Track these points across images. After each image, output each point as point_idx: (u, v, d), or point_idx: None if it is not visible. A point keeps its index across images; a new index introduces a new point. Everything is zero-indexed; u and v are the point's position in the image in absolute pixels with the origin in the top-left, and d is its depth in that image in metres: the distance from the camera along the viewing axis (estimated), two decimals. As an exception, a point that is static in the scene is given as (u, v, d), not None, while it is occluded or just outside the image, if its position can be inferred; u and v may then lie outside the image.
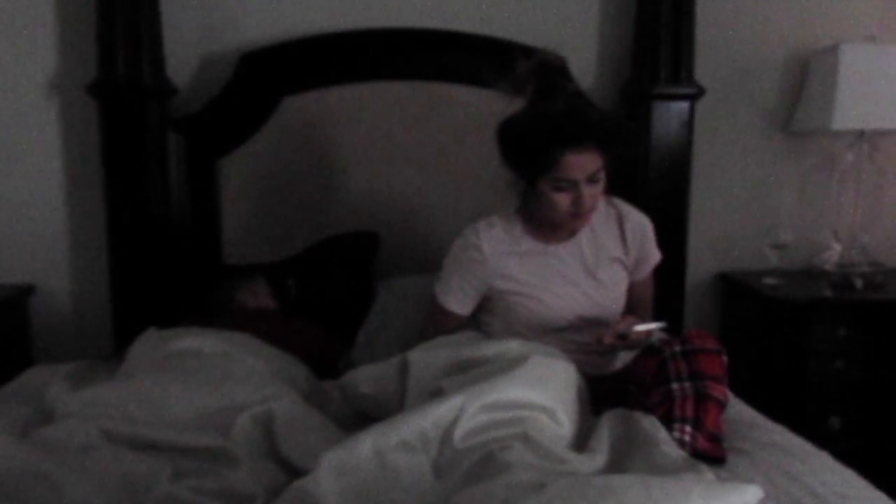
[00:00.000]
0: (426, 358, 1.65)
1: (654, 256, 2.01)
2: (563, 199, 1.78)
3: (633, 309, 1.99)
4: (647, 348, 1.79)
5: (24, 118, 2.66)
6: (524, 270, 1.90)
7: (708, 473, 1.40)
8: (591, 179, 1.78)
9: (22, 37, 2.63)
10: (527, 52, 1.88)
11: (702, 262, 2.91)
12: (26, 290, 2.68)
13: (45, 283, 2.74)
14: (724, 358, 1.67)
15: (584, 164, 1.74)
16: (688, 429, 1.55)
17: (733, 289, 2.86)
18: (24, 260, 2.72)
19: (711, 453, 1.55)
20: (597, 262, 1.92)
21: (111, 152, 2.55)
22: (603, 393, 1.80)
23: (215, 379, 1.65)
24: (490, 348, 1.66)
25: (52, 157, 2.69)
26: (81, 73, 2.60)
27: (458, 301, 1.94)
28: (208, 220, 2.65)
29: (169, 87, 2.60)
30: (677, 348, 1.64)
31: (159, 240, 2.60)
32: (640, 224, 1.97)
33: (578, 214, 1.81)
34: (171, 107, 2.63)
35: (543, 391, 1.50)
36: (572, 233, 1.91)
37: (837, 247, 2.82)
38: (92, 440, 1.45)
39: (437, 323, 1.98)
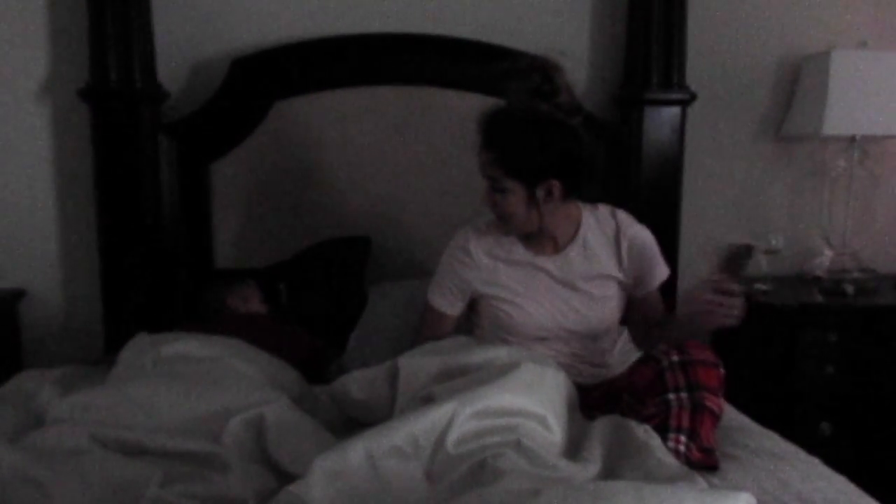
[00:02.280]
0: (416, 364, 1.65)
1: (659, 272, 1.95)
2: (486, 194, 1.85)
3: (642, 324, 1.99)
4: (644, 357, 1.78)
5: (15, 122, 2.65)
6: (510, 278, 1.91)
7: (701, 482, 1.40)
8: (494, 186, 1.81)
9: (14, 41, 2.62)
10: (522, 56, 1.89)
11: (693, 267, 2.92)
12: (17, 295, 2.67)
13: (35, 287, 2.73)
14: (722, 371, 1.66)
15: (482, 163, 1.82)
16: (682, 439, 1.55)
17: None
18: (15, 264, 2.71)
19: (704, 462, 1.55)
20: (586, 276, 1.90)
21: (103, 156, 2.54)
22: (595, 401, 1.80)
23: (206, 384, 1.64)
24: (479, 355, 1.65)
25: (43, 160, 2.68)
26: (73, 77, 2.59)
27: (446, 301, 1.96)
28: (199, 225, 2.65)
29: (160, 91, 2.59)
30: (675, 358, 1.63)
31: (150, 244, 2.59)
32: (637, 239, 1.93)
33: (496, 214, 1.87)
34: (163, 111, 2.63)
35: (534, 398, 1.49)
36: (560, 245, 1.91)
37: (828, 253, 2.83)
38: (82, 445, 1.45)
39: (428, 323, 2.00)
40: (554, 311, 1.89)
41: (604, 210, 1.96)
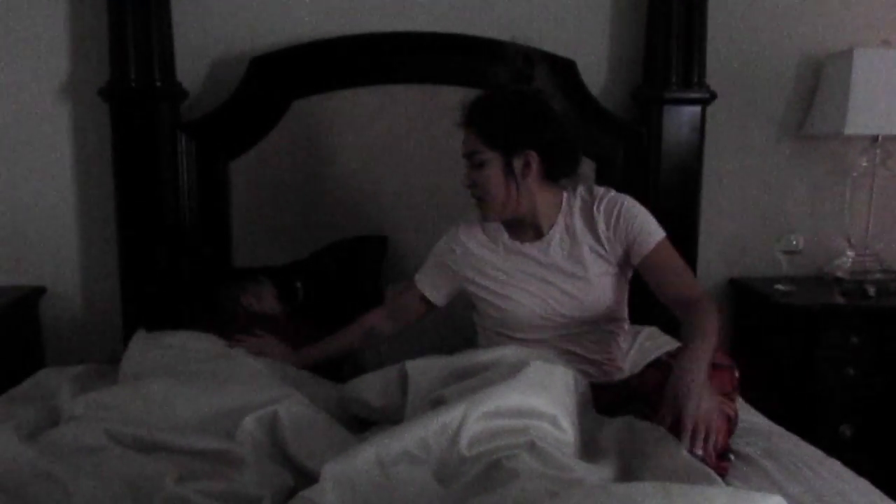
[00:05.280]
0: (424, 366, 1.64)
1: (648, 233, 1.83)
2: (465, 175, 1.88)
3: (663, 291, 1.81)
4: (654, 361, 1.75)
5: (36, 121, 2.68)
6: (498, 268, 1.91)
7: (720, 482, 1.38)
8: (472, 163, 1.84)
9: (35, 41, 2.65)
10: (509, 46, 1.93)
11: (712, 268, 2.90)
12: (37, 292, 2.69)
13: (55, 284, 2.75)
14: (736, 373, 1.63)
15: (463, 142, 1.86)
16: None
17: (744, 295, 2.85)
18: (36, 261, 2.73)
19: (721, 471, 1.52)
20: (572, 257, 1.87)
21: (122, 155, 2.56)
22: (609, 402, 1.77)
23: (220, 381, 1.65)
24: (486, 355, 1.66)
25: (63, 159, 2.70)
26: (93, 76, 2.61)
27: (431, 286, 2.01)
28: (218, 223, 2.66)
29: (180, 90, 2.60)
30: None
31: (169, 242, 2.61)
32: (611, 204, 1.86)
33: (473, 195, 1.88)
34: (182, 110, 2.64)
35: (544, 397, 1.48)
36: (543, 231, 1.89)
37: (850, 253, 2.80)
38: (99, 442, 1.46)
39: (400, 294, 2.08)
40: (545, 297, 1.86)
41: (582, 188, 1.93)
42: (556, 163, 1.83)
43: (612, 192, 1.90)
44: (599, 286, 1.87)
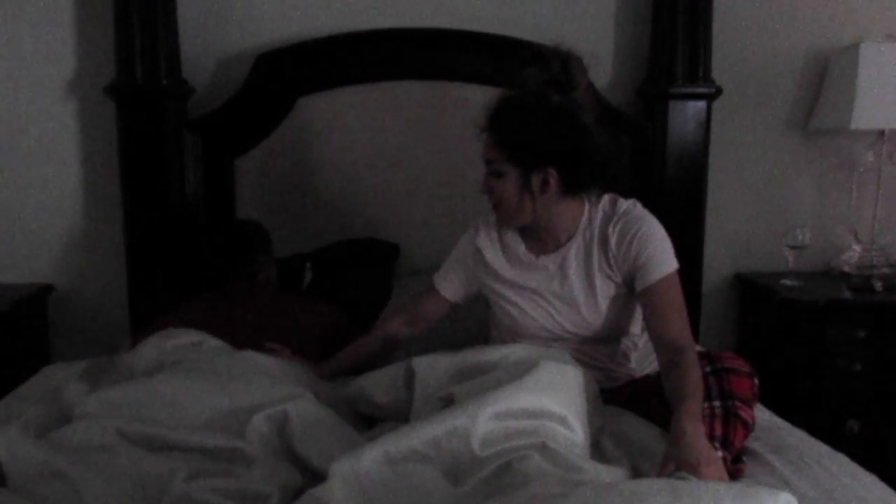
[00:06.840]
0: (431, 363, 1.63)
1: (656, 264, 1.73)
2: (483, 179, 1.82)
3: (653, 327, 1.74)
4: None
5: (43, 119, 2.68)
6: (509, 277, 1.86)
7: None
8: (490, 170, 1.78)
9: (41, 39, 2.65)
10: (544, 47, 1.83)
11: (718, 263, 2.89)
12: (44, 290, 2.70)
13: (63, 282, 2.76)
14: (756, 381, 1.62)
15: (484, 145, 1.79)
16: (717, 446, 1.49)
17: (750, 290, 2.84)
18: (43, 259, 2.74)
19: (737, 474, 1.52)
20: (585, 276, 1.80)
21: (129, 153, 2.57)
22: (619, 402, 1.77)
23: (230, 379, 1.65)
24: (493, 353, 1.64)
25: (70, 157, 2.71)
26: (99, 74, 2.62)
27: (448, 284, 1.98)
28: (224, 220, 2.66)
29: (186, 87, 2.61)
30: (707, 368, 1.58)
31: (176, 239, 2.61)
32: (627, 226, 1.76)
33: (490, 201, 1.83)
34: (188, 107, 2.64)
35: (555, 398, 1.47)
36: (561, 242, 1.82)
37: (856, 248, 2.80)
38: (108, 440, 1.46)
39: (419, 299, 2.03)
40: (553, 312, 1.82)
41: (606, 199, 1.83)
42: (579, 179, 1.75)
43: (636, 210, 1.80)
44: (607, 310, 1.81)
